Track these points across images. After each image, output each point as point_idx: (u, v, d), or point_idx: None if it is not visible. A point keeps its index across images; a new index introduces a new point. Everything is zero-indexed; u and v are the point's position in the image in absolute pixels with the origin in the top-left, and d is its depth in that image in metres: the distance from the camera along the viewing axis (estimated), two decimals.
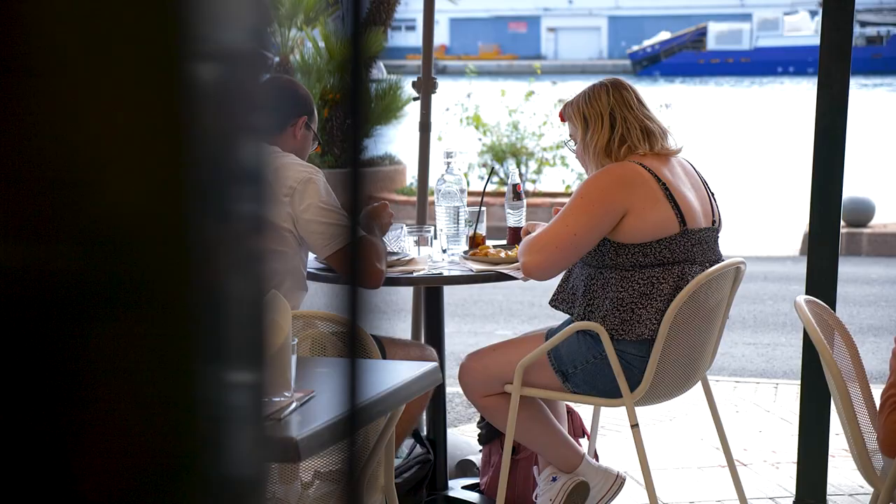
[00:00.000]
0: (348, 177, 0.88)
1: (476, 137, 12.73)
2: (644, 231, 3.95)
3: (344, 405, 0.97)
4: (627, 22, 65.96)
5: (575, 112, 4.11)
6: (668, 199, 3.96)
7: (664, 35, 56.01)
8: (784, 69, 51.01)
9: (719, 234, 4.14)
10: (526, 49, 64.04)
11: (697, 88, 43.79)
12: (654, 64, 53.74)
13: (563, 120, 4.21)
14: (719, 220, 4.15)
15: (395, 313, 8.78)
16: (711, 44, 54.28)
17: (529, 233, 4.27)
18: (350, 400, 0.95)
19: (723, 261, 4.11)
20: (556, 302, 4.12)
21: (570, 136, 4.19)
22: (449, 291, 9.61)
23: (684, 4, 63.90)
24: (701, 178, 4.18)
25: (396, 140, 13.71)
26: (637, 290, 3.96)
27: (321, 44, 13.31)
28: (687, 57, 53.66)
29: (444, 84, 5.68)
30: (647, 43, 56.00)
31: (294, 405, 2.67)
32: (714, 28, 54.74)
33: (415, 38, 5.32)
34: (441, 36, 65.85)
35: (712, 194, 4.18)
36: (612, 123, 4.05)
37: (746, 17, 59.16)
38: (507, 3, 66.30)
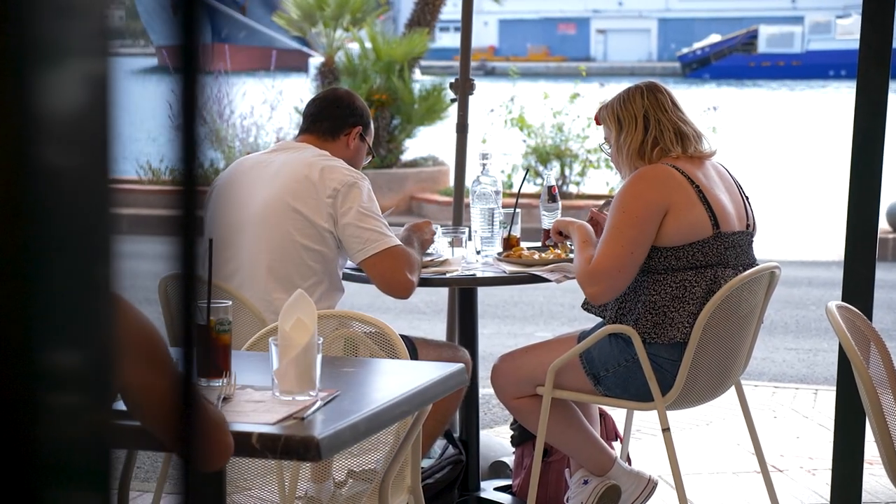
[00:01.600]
0: (182, 192, 0.88)
1: (520, 139, 12.71)
2: (678, 233, 3.94)
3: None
4: (677, 24, 65.66)
5: (609, 114, 4.11)
6: (701, 201, 3.95)
7: (714, 38, 55.70)
8: (836, 73, 50.59)
9: (753, 239, 4.12)
10: (575, 51, 63.87)
11: (749, 92, 43.55)
12: (704, 66, 53.46)
13: (598, 123, 4.21)
14: (754, 224, 4.13)
15: (435, 314, 8.79)
16: (762, 46, 53.94)
17: (560, 232, 4.26)
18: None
19: (757, 265, 4.09)
20: (588, 305, 4.11)
21: (606, 138, 4.19)
22: (489, 293, 9.62)
23: (735, 7, 63.53)
24: (735, 181, 4.16)
25: (440, 141, 13.72)
26: (669, 293, 3.95)
27: (368, 45, 13.34)
28: (737, 60, 53.35)
29: (491, 86, 5.70)
30: (697, 45, 55.71)
31: (318, 404, 2.68)
32: (765, 31, 54.39)
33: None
34: (490, 37, 65.83)
35: (747, 198, 4.16)
36: (645, 126, 4.04)
37: (798, 20, 58.74)
38: (557, 4, 66.17)
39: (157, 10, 54.38)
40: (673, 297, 3.96)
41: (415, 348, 4.15)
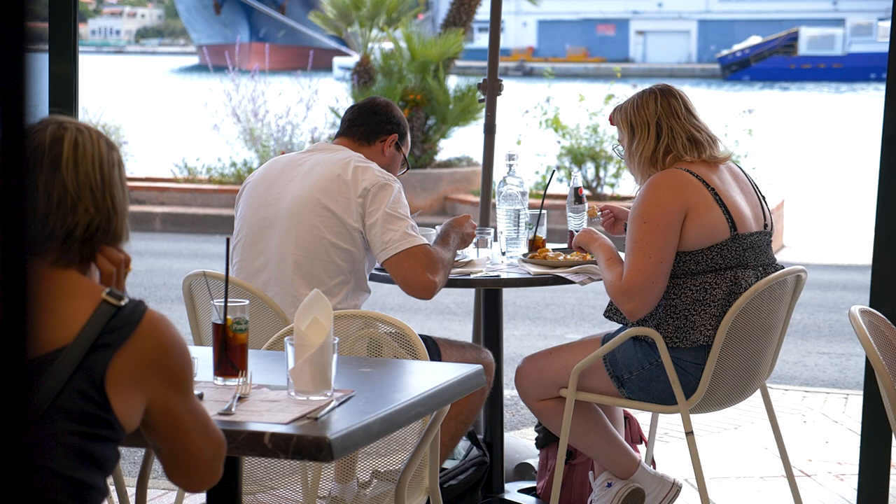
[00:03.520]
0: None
1: (555, 140, 12.69)
2: (697, 237, 3.93)
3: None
4: (717, 26, 65.39)
5: (622, 119, 4.11)
6: (717, 204, 3.94)
7: (755, 39, 55.45)
8: (877, 75, 50.23)
9: (771, 238, 4.11)
10: (614, 52, 63.75)
11: (791, 94, 43.32)
12: (744, 68, 53.21)
13: (612, 124, 4.21)
14: (771, 223, 4.12)
15: (466, 314, 8.78)
16: (803, 49, 53.65)
17: (581, 247, 4.25)
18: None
19: (776, 264, 4.08)
20: (609, 313, 4.10)
21: (619, 140, 4.18)
22: (520, 294, 9.60)
23: (776, 9, 63.21)
24: (751, 181, 4.15)
25: (474, 141, 13.71)
26: (690, 296, 3.94)
27: (403, 44, 13.33)
28: (777, 62, 53.09)
29: (529, 86, 5.69)
30: (736, 47, 55.45)
31: (333, 404, 2.67)
32: (806, 33, 54.10)
33: (501, 40, 5.28)
34: (529, 38, 65.81)
35: (763, 198, 4.14)
36: (658, 132, 4.03)
37: (839, 23, 58.43)
38: (596, 5, 66.05)
39: (198, 9, 54.65)
40: (694, 300, 3.94)
41: (438, 349, 4.14)
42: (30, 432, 0.87)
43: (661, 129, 4.02)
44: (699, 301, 3.94)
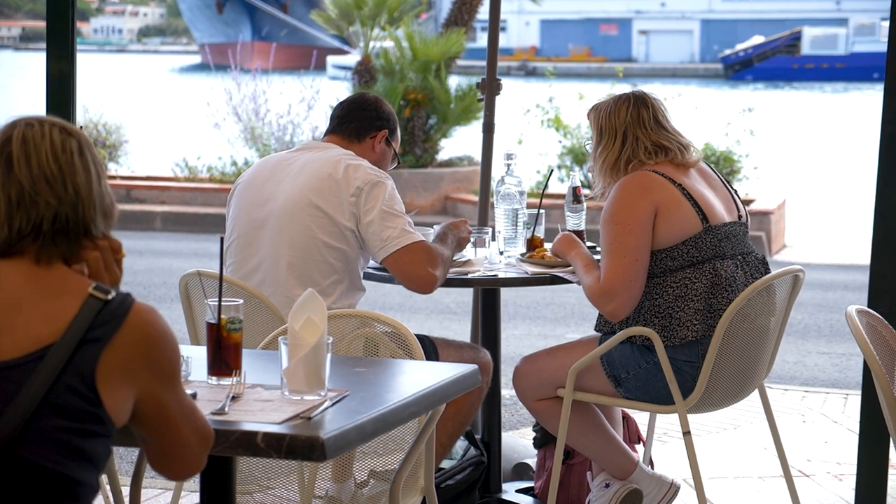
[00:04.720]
0: None
1: (556, 140, 12.69)
2: (669, 233, 3.96)
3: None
4: (720, 25, 65.32)
5: (594, 121, 4.18)
6: (686, 198, 3.97)
7: (758, 39, 55.40)
8: (881, 75, 50.07)
9: (748, 229, 4.12)
10: (617, 52, 63.70)
11: (794, 94, 43.29)
12: (747, 68, 53.16)
13: (588, 120, 4.25)
14: (746, 215, 4.14)
15: (466, 314, 8.77)
16: (806, 48, 53.60)
17: (557, 255, 4.26)
18: None
19: (755, 253, 4.09)
20: (599, 326, 4.12)
21: (591, 138, 4.22)
22: (521, 294, 9.59)
23: (779, 8, 63.14)
24: (719, 177, 4.18)
25: (475, 141, 13.72)
26: (671, 293, 3.95)
27: (404, 44, 13.33)
28: (781, 61, 53.03)
29: (531, 86, 5.68)
30: (739, 47, 55.40)
31: (326, 404, 2.67)
32: (809, 32, 54.05)
33: (504, 39, 5.30)
34: (532, 37, 65.78)
35: (734, 192, 4.17)
36: (623, 142, 4.07)
37: (842, 22, 58.38)
38: (599, 5, 66.00)
39: (201, 8, 54.66)
40: (676, 296, 3.95)
41: (435, 349, 4.13)
42: None
43: (626, 138, 4.06)
44: (682, 297, 3.95)
